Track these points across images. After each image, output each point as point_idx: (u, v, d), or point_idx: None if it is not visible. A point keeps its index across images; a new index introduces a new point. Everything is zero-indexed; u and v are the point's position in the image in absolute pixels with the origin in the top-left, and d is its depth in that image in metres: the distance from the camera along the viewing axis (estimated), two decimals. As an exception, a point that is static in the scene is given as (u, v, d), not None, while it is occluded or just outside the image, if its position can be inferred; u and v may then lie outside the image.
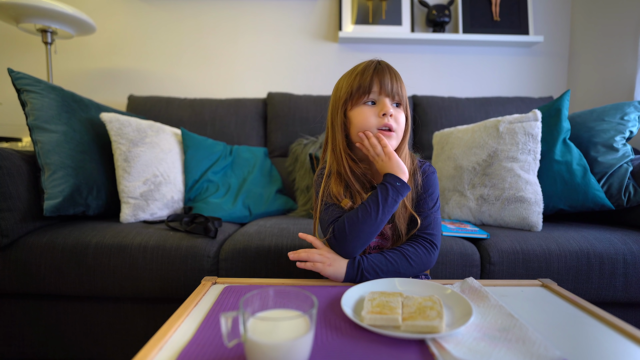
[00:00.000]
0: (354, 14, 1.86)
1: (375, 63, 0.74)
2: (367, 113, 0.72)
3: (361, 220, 0.68)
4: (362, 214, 0.68)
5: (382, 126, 0.72)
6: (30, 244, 1.00)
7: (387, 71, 0.72)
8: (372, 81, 0.71)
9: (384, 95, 0.72)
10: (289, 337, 0.40)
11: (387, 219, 0.69)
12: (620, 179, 1.15)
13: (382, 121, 0.71)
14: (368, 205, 0.68)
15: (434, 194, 0.78)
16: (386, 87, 0.71)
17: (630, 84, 1.55)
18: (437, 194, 0.79)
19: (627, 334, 0.50)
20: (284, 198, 1.52)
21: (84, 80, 1.91)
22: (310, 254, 0.69)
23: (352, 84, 0.73)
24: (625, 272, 0.97)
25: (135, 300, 1.02)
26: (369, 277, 0.68)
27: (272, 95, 1.77)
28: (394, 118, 0.72)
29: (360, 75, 0.72)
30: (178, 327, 0.51)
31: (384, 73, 0.72)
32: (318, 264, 0.68)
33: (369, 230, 0.68)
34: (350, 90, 0.73)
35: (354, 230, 0.68)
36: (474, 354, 0.44)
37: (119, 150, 1.21)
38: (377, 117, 0.72)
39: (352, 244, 0.68)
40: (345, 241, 0.68)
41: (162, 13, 1.91)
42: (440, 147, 1.42)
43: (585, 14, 1.82)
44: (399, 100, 0.73)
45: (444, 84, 1.95)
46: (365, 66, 0.74)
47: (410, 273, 0.70)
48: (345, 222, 0.69)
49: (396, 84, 0.72)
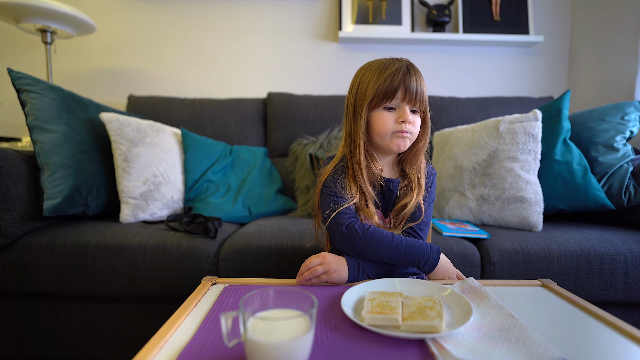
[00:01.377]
0: (354, 14, 1.86)
1: (404, 67, 0.73)
2: (386, 119, 0.74)
3: (380, 250, 0.70)
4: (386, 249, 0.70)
5: (398, 131, 0.73)
6: (30, 244, 1.00)
7: (414, 77, 0.72)
8: (399, 87, 0.72)
9: (405, 102, 0.73)
10: (289, 337, 0.40)
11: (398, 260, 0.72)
12: (621, 179, 1.15)
13: (400, 127, 0.73)
14: (395, 247, 0.70)
15: (432, 195, 0.83)
16: (411, 95, 0.72)
17: (630, 84, 1.55)
18: (434, 195, 0.84)
19: (627, 334, 0.50)
20: (284, 198, 1.52)
21: (83, 80, 1.91)
22: (314, 269, 0.67)
23: (380, 86, 0.72)
24: (625, 272, 0.97)
25: (135, 300, 1.02)
26: (367, 268, 0.71)
27: (272, 95, 1.76)
28: (411, 123, 0.74)
29: (389, 79, 0.72)
30: (178, 327, 0.51)
31: (411, 79, 0.72)
32: (323, 276, 0.67)
33: (380, 256, 0.71)
34: (376, 92, 0.73)
35: (374, 251, 0.70)
36: (473, 354, 0.44)
37: (118, 150, 1.21)
38: (395, 122, 0.73)
39: (362, 254, 0.71)
40: (360, 251, 0.71)
41: (162, 13, 1.91)
42: (441, 147, 1.42)
43: (585, 14, 1.82)
44: (419, 107, 0.75)
45: (444, 84, 1.95)
46: (396, 70, 0.72)
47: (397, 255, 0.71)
48: (367, 243, 0.70)
49: (420, 89, 0.73)
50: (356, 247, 0.71)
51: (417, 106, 0.74)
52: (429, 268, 0.72)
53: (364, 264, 0.71)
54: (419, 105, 0.74)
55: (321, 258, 0.68)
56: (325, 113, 1.68)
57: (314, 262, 0.68)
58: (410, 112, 0.74)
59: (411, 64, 0.75)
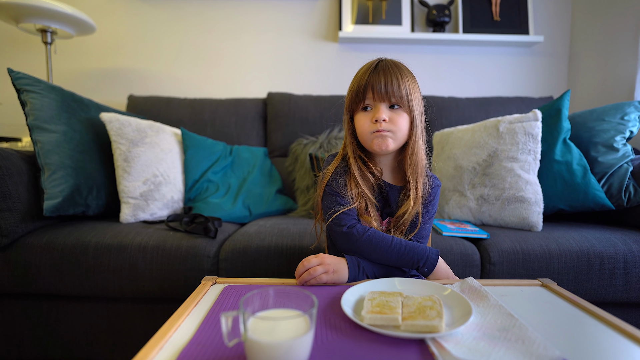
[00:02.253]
0: (354, 14, 1.86)
1: (372, 66, 0.73)
2: (363, 120, 0.73)
3: (380, 252, 0.70)
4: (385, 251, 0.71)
5: (375, 132, 0.72)
6: (30, 244, 1.00)
7: (382, 74, 0.71)
8: (366, 87, 0.71)
9: (378, 101, 0.71)
10: (289, 337, 0.40)
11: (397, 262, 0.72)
12: (621, 179, 1.15)
13: (375, 126, 0.71)
14: (394, 249, 0.71)
15: (434, 207, 0.80)
16: (380, 92, 0.70)
17: (630, 84, 1.55)
18: (436, 208, 0.81)
19: (627, 334, 0.50)
20: (284, 198, 1.52)
21: (84, 80, 1.91)
22: (313, 270, 0.66)
23: (352, 90, 0.74)
24: (625, 272, 0.97)
25: (135, 300, 1.02)
26: (367, 268, 0.70)
27: (272, 95, 1.77)
28: (390, 121, 0.71)
29: (357, 81, 0.73)
30: (178, 327, 0.51)
31: (378, 77, 0.71)
32: (323, 276, 0.66)
33: (380, 257, 0.71)
34: (350, 96, 0.74)
35: (373, 251, 0.71)
36: (473, 354, 0.44)
37: (118, 150, 1.21)
38: (371, 122, 0.72)
39: (361, 255, 0.72)
40: (359, 252, 0.72)
41: (162, 13, 1.91)
42: (440, 147, 1.42)
43: (585, 14, 1.82)
44: (397, 101, 0.71)
45: (444, 84, 1.95)
46: (364, 70, 0.73)
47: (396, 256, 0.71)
48: (368, 244, 0.70)
49: (392, 85, 0.70)
50: (356, 248, 0.71)
51: (394, 102, 0.71)
52: (428, 269, 0.72)
53: (364, 264, 0.71)
54: (397, 101, 0.71)
55: (320, 259, 0.67)
56: (325, 113, 1.68)
57: (312, 263, 0.67)
58: (391, 108, 0.72)
59: (384, 61, 0.73)
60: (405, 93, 0.71)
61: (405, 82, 0.71)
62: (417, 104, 0.74)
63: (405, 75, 0.72)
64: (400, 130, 0.72)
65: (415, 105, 0.73)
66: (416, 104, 0.73)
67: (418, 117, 0.74)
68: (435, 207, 0.80)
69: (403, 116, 0.72)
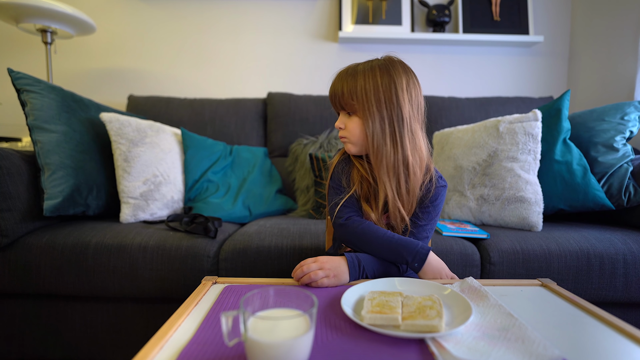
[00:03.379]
0: (354, 14, 1.86)
1: (336, 74, 0.76)
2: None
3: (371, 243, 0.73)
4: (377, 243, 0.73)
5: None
6: (30, 244, 1.00)
7: (337, 81, 0.74)
8: (330, 99, 0.77)
9: (336, 109, 0.77)
10: (289, 336, 0.40)
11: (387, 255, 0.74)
12: (621, 179, 1.15)
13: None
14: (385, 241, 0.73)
15: (438, 207, 0.78)
16: (334, 101, 0.75)
17: (630, 84, 1.55)
18: (440, 208, 0.80)
19: (627, 334, 0.50)
20: (284, 198, 1.52)
21: (84, 80, 1.91)
22: (314, 274, 0.65)
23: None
24: (625, 272, 0.97)
25: (135, 300, 1.02)
26: (367, 267, 0.72)
27: (272, 95, 1.77)
28: (345, 128, 0.75)
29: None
30: (178, 327, 0.51)
31: (334, 88, 0.75)
32: (324, 280, 0.66)
33: (371, 248, 0.74)
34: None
35: (365, 243, 0.74)
36: (473, 353, 0.44)
37: (119, 150, 1.21)
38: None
39: (355, 245, 0.75)
40: (352, 244, 0.76)
41: (162, 13, 1.91)
42: (440, 147, 1.42)
43: (585, 14, 1.82)
44: (349, 109, 0.74)
45: (444, 84, 1.95)
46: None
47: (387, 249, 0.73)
48: (362, 235, 0.74)
49: (341, 93, 0.73)
50: (350, 238, 0.75)
51: (347, 109, 0.74)
52: (418, 264, 0.72)
53: (364, 263, 0.71)
54: (349, 108, 0.74)
55: (319, 263, 0.67)
56: (325, 113, 1.68)
57: (312, 268, 0.66)
58: (346, 114, 0.75)
59: (346, 68, 0.75)
60: (359, 98, 0.70)
61: (359, 86, 0.70)
62: (379, 105, 0.70)
63: (360, 79, 0.71)
64: (354, 135, 0.74)
65: (374, 107, 0.70)
66: (377, 106, 0.70)
67: (377, 119, 0.71)
68: (439, 208, 0.78)
69: (355, 121, 0.73)
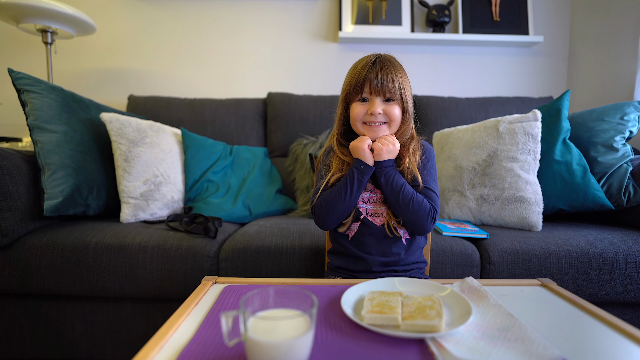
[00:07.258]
0: (354, 14, 1.86)
1: (371, 61, 0.78)
2: (358, 110, 0.80)
3: (334, 200, 0.78)
4: (335, 195, 0.78)
5: (369, 122, 0.79)
6: (30, 244, 1.00)
7: (379, 70, 0.77)
8: (364, 82, 0.77)
9: (374, 95, 0.78)
10: (289, 336, 0.40)
11: (357, 197, 0.78)
12: (620, 179, 1.15)
13: (369, 118, 0.79)
14: (339, 188, 0.78)
15: (433, 166, 0.84)
16: (376, 87, 0.77)
17: (630, 84, 1.55)
18: (435, 167, 0.85)
19: (627, 334, 0.50)
20: (284, 198, 1.52)
21: (84, 80, 1.91)
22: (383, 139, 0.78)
23: (350, 82, 0.80)
24: (625, 272, 0.97)
25: (135, 300, 1.02)
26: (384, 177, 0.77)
27: (272, 95, 1.77)
28: (385, 113, 0.78)
29: (357, 74, 0.79)
30: (178, 327, 0.51)
31: (376, 72, 0.77)
32: (378, 144, 0.77)
33: (341, 209, 0.78)
34: (348, 87, 0.80)
35: (329, 209, 0.78)
36: (473, 353, 0.44)
37: (119, 150, 1.21)
38: (366, 114, 0.79)
39: (327, 220, 0.79)
40: (322, 217, 0.79)
41: (162, 13, 1.91)
42: (440, 147, 1.42)
43: (585, 14, 1.82)
44: (391, 96, 0.78)
45: (444, 84, 1.95)
46: (363, 64, 0.79)
47: (407, 210, 0.76)
48: (322, 202, 0.79)
49: (387, 80, 0.76)
50: (320, 212, 0.79)
51: (388, 95, 0.78)
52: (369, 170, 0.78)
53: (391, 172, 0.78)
54: (391, 95, 0.78)
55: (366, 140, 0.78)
56: (325, 113, 1.68)
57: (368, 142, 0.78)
58: (386, 101, 0.78)
59: (381, 57, 0.79)
60: (399, 88, 0.78)
61: (398, 77, 0.78)
62: (409, 95, 0.81)
63: (398, 71, 0.79)
64: (395, 120, 0.80)
65: (408, 97, 0.81)
66: (408, 95, 0.81)
67: (410, 107, 0.82)
68: (434, 166, 0.85)
69: (396, 108, 0.79)
